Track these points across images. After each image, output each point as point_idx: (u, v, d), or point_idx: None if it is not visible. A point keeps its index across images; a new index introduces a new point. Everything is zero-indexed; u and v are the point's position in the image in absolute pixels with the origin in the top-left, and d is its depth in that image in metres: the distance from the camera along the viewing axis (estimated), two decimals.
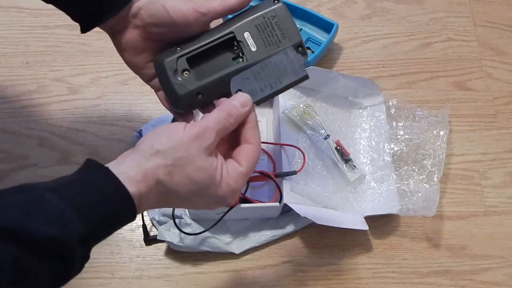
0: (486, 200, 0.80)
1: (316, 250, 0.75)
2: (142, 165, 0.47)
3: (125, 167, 0.47)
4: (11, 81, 0.85)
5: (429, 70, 0.90)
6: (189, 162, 0.48)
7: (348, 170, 0.77)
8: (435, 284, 0.74)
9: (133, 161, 0.47)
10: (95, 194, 0.44)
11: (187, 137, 0.48)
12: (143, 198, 0.47)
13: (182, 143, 0.48)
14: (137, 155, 0.48)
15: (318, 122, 0.78)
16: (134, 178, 0.46)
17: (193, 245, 0.72)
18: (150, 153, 0.47)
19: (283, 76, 0.55)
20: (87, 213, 0.43)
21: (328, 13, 0.93)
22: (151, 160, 0.47)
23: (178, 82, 0.55)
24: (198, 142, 0.48)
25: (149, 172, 0.47)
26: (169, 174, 0.47)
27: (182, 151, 0.48)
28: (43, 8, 0.92)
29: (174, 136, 0.48)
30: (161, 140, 0.48)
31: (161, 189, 0.48)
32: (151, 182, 0.47)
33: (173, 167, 0.47)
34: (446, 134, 0.80)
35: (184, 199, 0.49)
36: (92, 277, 0.72)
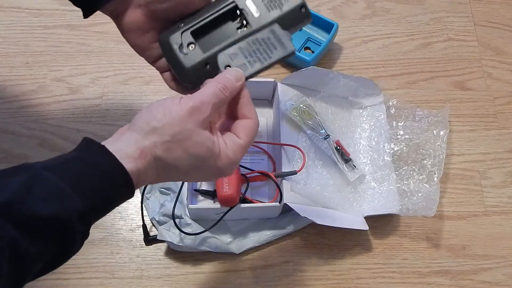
0: (486, 200, 0.80)
1: (316, 250, 0.75)
2: (139, 143, 0.47)
3: (122, 145, 0.47)
4: (11, 81, 0.85)
5: (429, 70, 0.90)
6: (186, 136, 0.48)
7: (348, 170, 0.77)
8: (435, 284, 0.74)
9: (130, 138, 0.47)
10: (92, 171, 0.44)
11: (183, 111, 0.48)
12: (141, 175, 0.47)
13: (178, 118, 0.48)
14: (134, 132, 0.48)
15: (318, 122, 0.78)
16: (132, 155, 0.46)
17: (193, 245, 0.72)
18: (146, 130, 0.47)
19: (272, 51, 0.55)
20: (85, 190, 0.43)
21: (328, 13, 0.93)
22: (148, 138, 0.47)
23: (184, 56, 0.55)
24: (194, 116, 0.48)
25: (146, 150, 0.47)
26: (167, 150, 0.47)
27: (179, 126, 0.47)
28: (43, 8, 0.92)
29: (170, 112, 0.48)
30: (157, 116, 0.48)
31: (159, 165, 0.48)
32: (149, 159, 0.47)
33: (171, 143, 0.47)
34: (446, 134, 0.80)
35: (183, 173, 0.50)
36: (92, 277, 0.72)
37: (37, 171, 0.42)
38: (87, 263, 0.73)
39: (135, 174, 0.46)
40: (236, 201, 0.68)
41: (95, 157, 0.45)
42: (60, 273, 0.72)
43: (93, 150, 0.46)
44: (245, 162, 0.76)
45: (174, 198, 0.70)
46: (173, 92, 0.61)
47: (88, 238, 0.76)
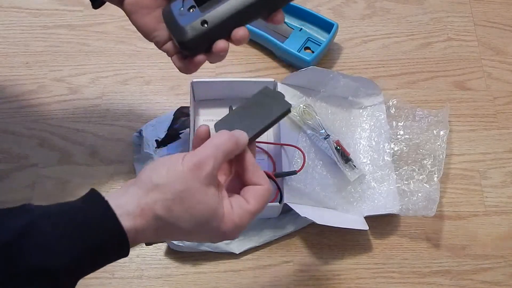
0: (486, 200, 0.80)
1: (316, 250, 0.75)
2: (141, 200, 0.46)
3: (124, 200, 0.46)
4: (11, 81, 0.85)
5: (429, 70, 0.90)
6: (189, 195, 0.46)
7: (348, 170, 0.77)
8: (435, 284, 0.74)
9: (133, 194, 0.46)
10: (88, 226, 0.44)
11: (186, 169, 0.47)
12: (139, 234, 0.46)
13: (182, 176, 0.46)
14: (137, 188, 0.47)
15: (318, 122, 0.78)
16: (132, 213, 0.45)
17: (193, 245, 0.72)
18: (148, 187, 0.46)
19: (271, 111, 0.57)
20: (76, 245, 0.43)
21: (328, 13, 0.93)
22: (150, 195, 0.46)
23: (182, 18, 0.54)
24: (197, 172, 0.47)
25: (147, 208, 0.46)
26: (168, 209, 0.46)
27: (182, 184, 0.46)
28: (43, 8, 0.92)
29: (174, 169, 0.47)
30: (161, 173, 0.47)
31: (160, 225, 0.46)
32: (149, 218, 0.46)
33: (173, 201, 0.46)
34: (446, 134, 0.80)
35: (184, 233, 0.48)
36: (92, 277, 0.72)
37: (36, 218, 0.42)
38: None
39: (132, 233, 0.45)
40: None
41: (95, 212, 0.44)
42: None
43: (95, 205, 0.45)
44: None
45: None
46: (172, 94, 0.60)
47: None
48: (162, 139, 0.79)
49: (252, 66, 0.88)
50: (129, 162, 0.80)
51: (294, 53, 0.85)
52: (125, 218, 0.44)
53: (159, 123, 0.80)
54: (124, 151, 0.81)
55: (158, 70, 0.87)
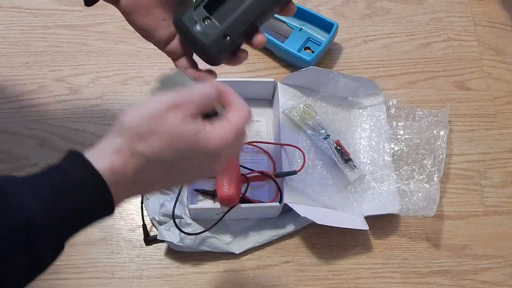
0: (486, 200, 0.80)
1: (316, 250, 0.75)
2: (114, 141, 0.44)
3: (99, 148, 0.44)
4: (11, 81, 0.85)
5: (429, 70, 0.90)
6: (167, 128, 0.44)
7: (348, 170, 0.77)
8: (435, 284, 0.74)
9: (107, 140, 0.45)
10: (61, 177, 0.42)
11: (160, 107, 0.45)
12: (118, 176, 0.43)
13: (155, 113, 0.44)
14: (111, 133, 0.45)
15: (318, 122, 0.78)
16: (107, 154, 0.43)
17: (193, 245, 0.72)
18: (120, 129, 0.45)
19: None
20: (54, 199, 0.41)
21: (328, 13, 0.93)
22: (123, 135, 0.44)
23: (201, 32, 0.54)
24: (174, 113, 0.45)
25: (123, 146, 0.44)
26: (146, 144, 0.44)
27: (156, 121, 0.44)
28: (43, 8, 0.92)
29: (146, 108, 0.45)
30: (133, 114, 0.45)
31: (139, 162, 0.44)
32: (126, 156, 0.44)
33: (149, 136, 0.44)
34: (446, 134, 0.80)
35: (169, 168, 0.45)
36: (92, 277, 0.72)
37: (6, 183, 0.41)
38: (87, 263, 0.73)
39: (110, 174, 0.43)
40: (236, 201, 0.68)
41: (68, 162, 0.43)
42: (60, 273, 0.72)
43: (69, 159, 0.44)
44: (245, 162, 0.76)
45: (174, 198, 0.70)
46: None
47: (88, 238, 0.76)
48: None
49: (252, 66, 0.88)
50: None
51: (294, 53, 0.85)
52: (100, 160, 0.43)
53: None
54: None
55: (158, 70, 0.87)
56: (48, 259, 0.42)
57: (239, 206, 0.69)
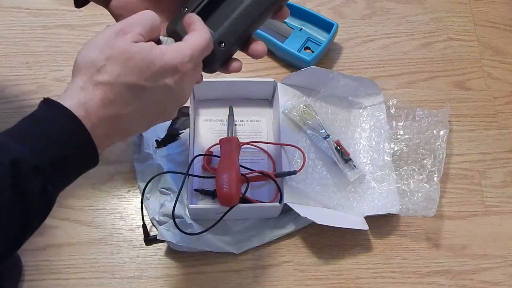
0: (486, 200, 0.80)
1: (316, 250, 0.75)
2: (76, 82, 0.46)
3: (64, 93, 0.46)
4: (11, 81, 0.85)
5: (429, 70, 0.90)
6: (119, 53, 0.46)
7: (348, 170, 0.77)
8: (435, 284, 0.74)
9: (70, 83, 0.46)
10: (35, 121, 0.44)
11: (108, 35, 0.46)
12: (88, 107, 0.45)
13: (105, 42, 0.46)
14: (72, 78, 0.47)
15: (318, 122, 0.78)
16: (73, 94, 0.45)
17: (193, 245, 0.72)
18: (78, 69, 0.46)
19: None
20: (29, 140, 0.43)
21: (328, 13, 0.93)
22: (82, 73, 0.46)
23: None
24: (121, 36, 0.46)
25: (85, 83, 0.45)
26: (106, 73, 0.45)
27: (108, 49, 0.46)
28: (43, 8, 0.92)
29: (95, 42, 0.47)
30: (84, 51, 0.47)
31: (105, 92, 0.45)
32: (91, 89, 0.45)
33: (106, 65, 0.45)
34: (446, 134, 0.80)
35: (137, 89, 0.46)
36: (92, 277, 0.72)
37: None
38: (87, 263, 0.73)
39: (79, 108, 0.44)
40: (236, 201, 0.68)
41: (41, 109, 0.45)
42: (60, 273, 0.72)
43: (41, 104, 0.45)
44: (245, 162, 0.76)
45: (174, 198, 0.70)
46: None
47: (88, 238, 0.76)
48: (162, 139, 0.79)
49: (252, 66, 0.88)
50: (129, 162, 0.79)
51: (294, 53, 0.85)
52: (67, 100, 0.44)
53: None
54: (124, 151, 0.81)
55: None
56: (37, 207, 0.43)
57: (239, 206, 0.69)
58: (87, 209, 0.76)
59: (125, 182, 0.79)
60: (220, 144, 0.75)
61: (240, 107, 0.81)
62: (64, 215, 0.76)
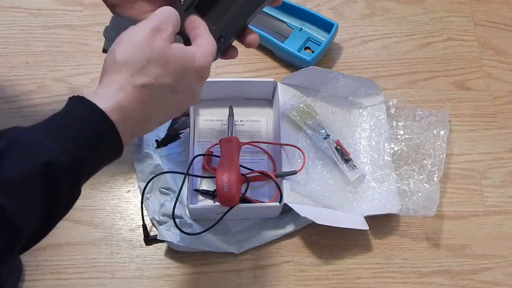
0: (486, 200, 0.80)
1: (316, 250, 0.75)
2: (115, 81, 0.46)
3: (100, 89, 0.46)
4: (11, 81, 0.85)
5: (429, 69, 0.90)
6: (158, 55, 0.47)
7: (348, 170, 0.77)
8: (435, 284, 0.74)
9: (106, 79, 0.47)
10: (71, 121, 0.44)
11: (145, 34, 0.47)
12: (125, 110, 0.46)
13: (143, 41, 0.47)
14: (108, 75, 0.47)
15: (318, 122, 0.78)
16: (111, 93, 0.45)
17: (193, 245, 0.72)
18: (117, 67, 0.47)
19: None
20: (64, 139, 0.43)
21: (328, 13, 0.93)
22: (121, 71, 0.46)
23: None
24: (158, 35, 0.48)
25: (124, 83, 0.46)
26: (146, 75, 0.46)
27: (147, 49, 0.47)
28: (43, 8, 0.92)
29: (133, 39, 0.47)
30: (123, 49, 0.47)
31: (143, 93, 0.46)
32: (129, 91, 0.46)
33: (146, 67, 0.46)
34: (446, 134, 0.80)
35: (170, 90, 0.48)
36: (92, 277, 0.72)
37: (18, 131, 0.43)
38: (87, 263, 0.73)
39: (117, 111, 0.45)
40: (236, 201, 0.68)
41: (74, 108, 0.45)
42: (60, 273, 0.72)
43: (73, 102, 0.46)
44: (245, 162, 0.76)
45: (174, 198, 0.70)
46: None
47: (88, 238, 0.76)
48: (162, 139, 0.79)
49: (252, 66, 0.88)
50: (129, 162, 0.79)
51: (294, 53, 0.85)
52: (104, 101, 0.45)
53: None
54: (124, 151, 0.80)
55: None
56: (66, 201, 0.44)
57: (239, 206, 0.69)
58: (87, 209, 0.76)
59: (125, 182, 0.79)
60: (220, 144, 0.75)
61: (240, 107, 0.81)
62: None
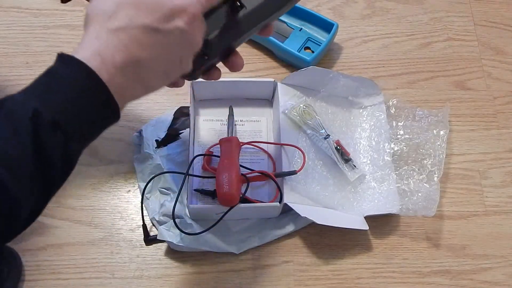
0: (486, 200, 0.80)
1: (316, 250, 0.75)
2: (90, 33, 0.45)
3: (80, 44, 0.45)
4: (11, 81, 0.85)
5: (429, 69, 0.90)
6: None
7: (348, 170, 0.77)
8: (435, 284, 0.74)
9: (83, 37, 0.46)
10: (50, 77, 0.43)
11: None
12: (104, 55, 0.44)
13: None
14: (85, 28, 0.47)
15: (318, 122, 0.78)
16: (87, 45, 0.44)
17: (193, 245, 0.72)
18: (91, 15, 0.46)
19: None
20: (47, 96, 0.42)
21: (328, 13, 0.93)
22: (94, 21, 0.46)
23: None
24: None
25: (98, 30, 0.45)
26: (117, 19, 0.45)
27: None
28: (43, 8, 0.92)
29: None
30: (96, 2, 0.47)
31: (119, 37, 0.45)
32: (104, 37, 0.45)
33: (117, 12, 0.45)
34: (446, 134, 0.80)
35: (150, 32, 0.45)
36: (92, 277, 0.72)
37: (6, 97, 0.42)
38: (87, 263, 0.73)
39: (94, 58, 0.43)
40: (236, 201, 0.68)
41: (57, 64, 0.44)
42: (60, 273, 0.72)
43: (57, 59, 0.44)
44: (245, 162, 0.76)
45: (174, 198, 0.70)
46: (172, 94, 0.60)
47: (88, 238, 0.76)
48: (162, 139, 0.79)
49: (252, 66, 0.88)
50: (129, 162, 0.80)
51: (294, 53, 0.85)
52: (80, 51, 0.44)
53: (159, 123, 0.80)
54: (124, 151, 0.81)
55: None
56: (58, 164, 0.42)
57: (239, 206, 0.69)
58: (87, 209, 0.76)
59: (125, 182, 0.79)
60: (220, 144, 0.75)
61: (240, 107, 0.81)
62: (64, 215, 0.76)
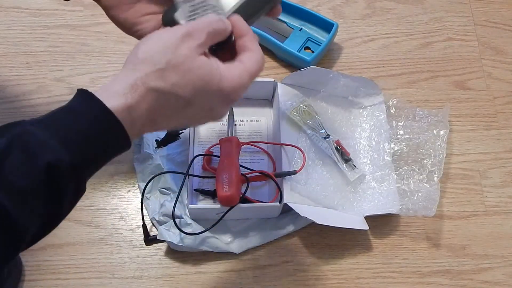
0: (486, 200, 0.80)
1: (316, 250, 0.75)
2: (129, 77, 0.44)
3: (111, 85, 0.44)
4: (11, 81, 0.85)
5: (429, 69, 0.90)
6: (181, 62, 0.44)
7: (348, 170, 0.77)
8: (435, 284, 0.74)
9: (121, 76, 0.45)
10: (77, 119, 0.42)
11: (175, 37, 0.45)
12: (134, 112, 0.43)
13: (170, 44, 0.45)
14: (125, 69, 0.45)
15: (318, 122, 0.78)
16: (121, 91, 0.43)
17: (193, 245, 0.72)
18: (136, 62, 0.44)
19: None
20: (70, 140, 0.41)
21: (328, 13, 0.93)
22: (138, 69, 0.44)
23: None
24: (187, 42, 0.45)
25: (137, 82, 0.44)
26: (162, 78, 0.44)
27: (171, 53, 0.44)
28: (43, 8, 0.92)
29: (160, 39, 0.45)
30: (147, 47, 0.45)
31: (155, 98, 0.44)
32: (142, 91, 0.43)
33: (164, 70, 0.44)
34: (446, 134, 0.80)
35: (184, 104, 0.45)
36: (92, 277, 0.72)
37: (22, 128, 0.41)
38: (87, 263, 0.73)
39: (125, 112, 0.43)
40: (236, 201, 0.68)
41: (82, 105, 0.43)
42: (60, 273, 0.72)
43: (81, 98, 0.43)
44: (245, 162, 0.76)
45: (174, 198, 0.70)
46: None
47: (88, 238, 0.76)
48: (162, 139, 0.79)
49: None
50: (129, 162, 0.79)
51: (294, 53, 0.85)
52: (113, 99, 0.43)
53: None
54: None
55: None
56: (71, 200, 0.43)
57: (239, 206, 0.69)
58: (87, 209, 0.76)
59: (125, 182, 0.79)
60: (220, 144, 0.75)
61: (240, 107, 0.81)
62: None
